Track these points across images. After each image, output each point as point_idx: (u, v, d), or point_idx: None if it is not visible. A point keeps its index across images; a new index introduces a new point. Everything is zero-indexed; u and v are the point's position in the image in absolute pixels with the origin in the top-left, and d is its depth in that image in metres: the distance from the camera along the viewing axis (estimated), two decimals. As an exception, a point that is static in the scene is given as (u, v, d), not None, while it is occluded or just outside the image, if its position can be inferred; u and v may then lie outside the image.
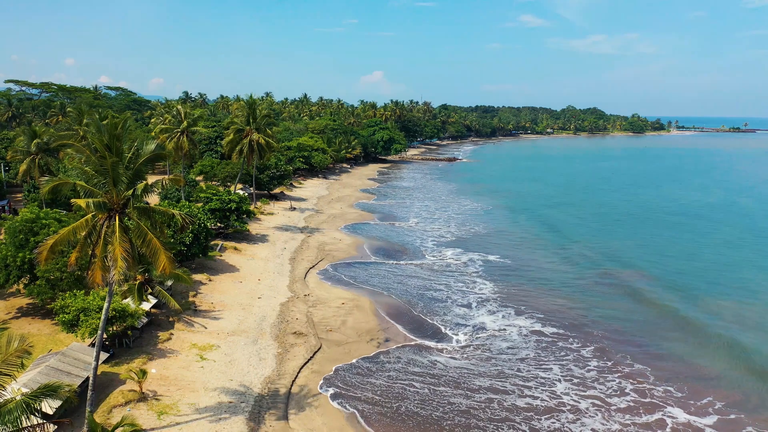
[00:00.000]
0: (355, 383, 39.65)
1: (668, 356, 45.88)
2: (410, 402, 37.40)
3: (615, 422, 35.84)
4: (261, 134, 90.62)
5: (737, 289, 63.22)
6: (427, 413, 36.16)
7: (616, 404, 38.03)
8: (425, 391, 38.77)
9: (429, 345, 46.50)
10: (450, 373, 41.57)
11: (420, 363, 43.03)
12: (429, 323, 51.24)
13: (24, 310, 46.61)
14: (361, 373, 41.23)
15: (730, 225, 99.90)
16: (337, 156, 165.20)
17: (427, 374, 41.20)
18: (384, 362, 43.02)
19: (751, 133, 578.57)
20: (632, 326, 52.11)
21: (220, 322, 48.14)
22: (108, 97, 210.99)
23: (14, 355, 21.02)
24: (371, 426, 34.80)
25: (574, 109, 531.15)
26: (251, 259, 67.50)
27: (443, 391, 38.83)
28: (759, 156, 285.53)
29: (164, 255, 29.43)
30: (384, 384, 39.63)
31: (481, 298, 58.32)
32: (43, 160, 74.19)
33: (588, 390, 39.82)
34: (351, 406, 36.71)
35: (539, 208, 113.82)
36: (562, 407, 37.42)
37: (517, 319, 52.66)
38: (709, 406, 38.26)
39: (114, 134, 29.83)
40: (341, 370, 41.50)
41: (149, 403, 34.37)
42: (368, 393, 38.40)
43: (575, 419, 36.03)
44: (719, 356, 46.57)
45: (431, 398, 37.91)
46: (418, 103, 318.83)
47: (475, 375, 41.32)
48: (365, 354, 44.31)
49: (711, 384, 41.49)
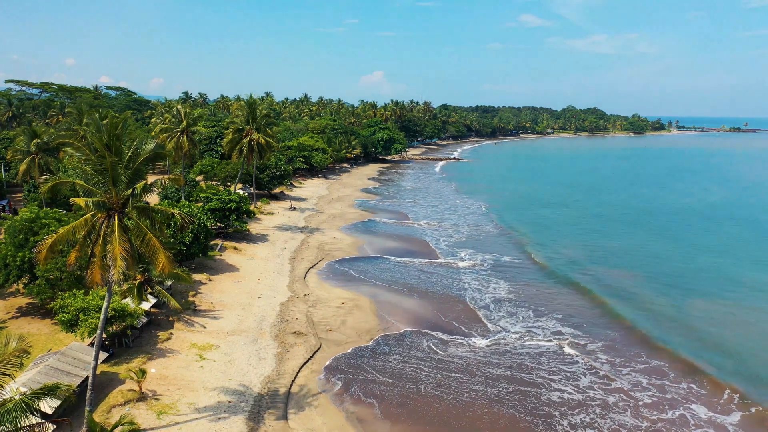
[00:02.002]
0: (349, 380, 39.65)
1: (686, 354, 46.16)
2: (418, 400, 37.42)
3: (642, 418, 36.28)
4: (261, 134, 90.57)
5: (748, 289, 63.43)
6: (441, 408, 36.18)
7: (642, 399, 38.65)
8: (429, 389, 38.80)
9: (431, 344, 46.44)
10: (450, 373, 41.57)
11: (423, 359, 43.00)
12: (430, 323, 51.19)
13: (24, 310, 46.59)
14: (359, 367, 41.23)
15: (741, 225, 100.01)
16: (338, 156, 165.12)
17: (435, 368, 41.20)
18: (383, 359, 43.01)
19: (752, 133, 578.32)
20: (646, 324, 52.34)
21: (219, 321, 48.11)
22: (108, 97, 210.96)
23: (13, 355, 20.99)
24: (368, 425, 34.78)
25: (574, 109, 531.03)
26: (251, 258, 67.48)
27: (447, 387, 38.83)
28: (760, 156, 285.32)
29: (163, 254, 29.40)
30: (383, 378, 39.67)
31: (481, 297, 58.26)
32: (43, 159, 74.21)
33: (612, 383, 40.62)
34: (351, 398, 36.71)
35: (540, 208, 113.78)
36: (590, 402, 38.15)
37: (534, 320, 52.68)
38: (730, 402, 38.91)
39: (113, 134, 29.79)
40: (339, 368, 41.51)
41: (149, 403, 34.34)
42: (364, 390, 38.44)
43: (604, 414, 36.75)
44: (729, 354, 46.93)
45: (442, 390, 37.93)
46: (418, 103, 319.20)
47: (495, 367, 41.28)
48: (364, 353, 44.28)
49: (729, 381, 41.91)
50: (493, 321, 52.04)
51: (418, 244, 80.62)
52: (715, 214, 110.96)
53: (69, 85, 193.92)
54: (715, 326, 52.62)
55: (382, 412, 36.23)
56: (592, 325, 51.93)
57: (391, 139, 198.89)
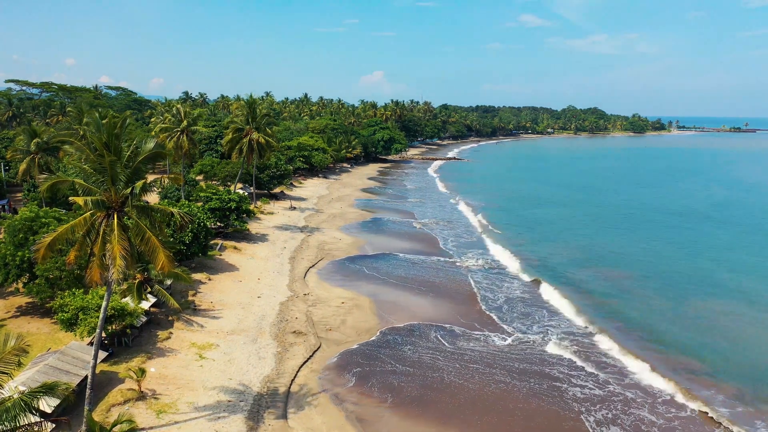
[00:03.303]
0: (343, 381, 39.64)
1: (697, 354, 46.15)
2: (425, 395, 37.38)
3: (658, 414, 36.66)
4: (261, 133, 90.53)
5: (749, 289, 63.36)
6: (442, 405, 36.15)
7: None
8: (423, 391, 38.78)
9: (432, 342, 46.45)
10: (453, 370, 41.56)
11: (423, 358, 43.00)
12: (430, 321, 51.17)
13: (23, 309, 46.58)
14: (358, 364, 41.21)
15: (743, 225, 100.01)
16: (338, 156, 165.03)
17: (436, 367, 41.20)
18: (383, 359, 42.99)
19: (752, 133, 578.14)
20: (657, 321, 52.60)
21: (219, 321, 48.09)
22: (108, 97, 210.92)
23: (11, 354, 20.98)
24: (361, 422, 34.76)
25: (574, 109, 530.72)
26: (251, 258, 67.45)
27: (448, 386, 38.82)
28: (760, 156, 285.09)
29: (163, 253, 29.38)
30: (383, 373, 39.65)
31: (494, 297, 58.28)
32: (42, 159, 74.16)
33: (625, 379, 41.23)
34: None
35: (542, 208, 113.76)
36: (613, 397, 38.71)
37: (546, 318, 52.97)
38: (740, 396, 39.52)
39: (113, 133, 29.76)
40: (338, 367, 41.47)
41: (148, 402, 34.31)
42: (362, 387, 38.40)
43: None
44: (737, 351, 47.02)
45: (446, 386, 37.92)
46: (418, 102, 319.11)
47: (498, 368, 41.29)
48: (364, 352, 44.24)
49: (744, 379, 42.22)
50: (507, 322, 51.83)
51: (421, 244, 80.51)
52: (716, 214, 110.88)
53: (69, 85, 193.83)
54: (718, 325, 52.57)
55: (382, 411, 36.20)
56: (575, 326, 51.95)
57: (392, 139, 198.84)
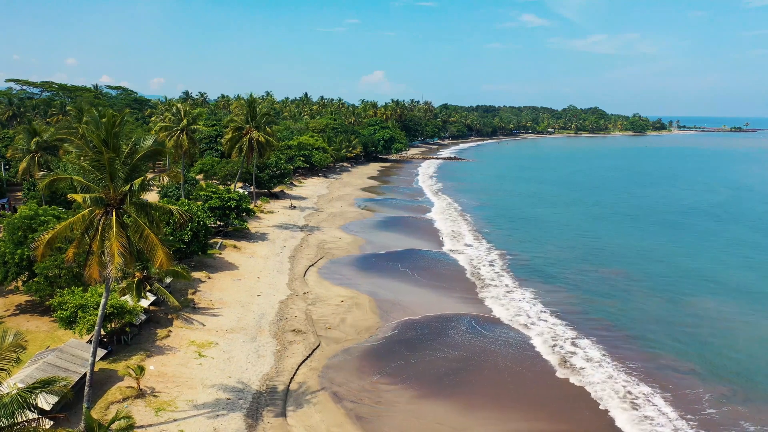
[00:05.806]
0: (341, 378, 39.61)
1: (700, 355, 45.95)
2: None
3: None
4: (261, 132, 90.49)
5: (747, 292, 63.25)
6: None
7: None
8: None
9: (431, 341, 46.38)
10: (454, 367, 41.50)
11: (423, 356, 42.93)
12: (429, 320, 51.11)
13: (22, 307, 46.58)
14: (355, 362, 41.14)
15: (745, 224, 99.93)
16: (338, 155, 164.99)
17: (435, 365, 41.12)
18: (383, 358, 42.94)
19: (752, 133, 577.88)
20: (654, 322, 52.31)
21: (218, 319, 48.05)
22: (109, 97, 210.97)
23: (8, 350, 20.92)
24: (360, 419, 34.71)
25: (575, 108, 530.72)
26: (251, 257, 67.40)
27: (449, 386, 38.74)
28: (760, 156, 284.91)
29: (161, 250, 29.32)
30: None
31: (483, 295, 58.23)
32: (42, 158, 74.17)
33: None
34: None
35: (543, 208, 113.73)
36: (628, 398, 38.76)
37: (542, 314, 53.26)
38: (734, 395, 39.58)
39: (111, 130, 29.72)
40: (338, 365, 41.44)
41: (147, 400, 34.27)
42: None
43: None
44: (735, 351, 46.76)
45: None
46: (419, 102, 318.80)
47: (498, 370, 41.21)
48: (364, 351, 44.20)
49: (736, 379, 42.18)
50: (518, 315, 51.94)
51: (422, 241, 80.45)
52: (715, 213, 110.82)
53: (69, 85, 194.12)
54: (706, 323, 52.64)
55: (381, 409, 36.13)
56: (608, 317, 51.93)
57: (392, 139, 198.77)
